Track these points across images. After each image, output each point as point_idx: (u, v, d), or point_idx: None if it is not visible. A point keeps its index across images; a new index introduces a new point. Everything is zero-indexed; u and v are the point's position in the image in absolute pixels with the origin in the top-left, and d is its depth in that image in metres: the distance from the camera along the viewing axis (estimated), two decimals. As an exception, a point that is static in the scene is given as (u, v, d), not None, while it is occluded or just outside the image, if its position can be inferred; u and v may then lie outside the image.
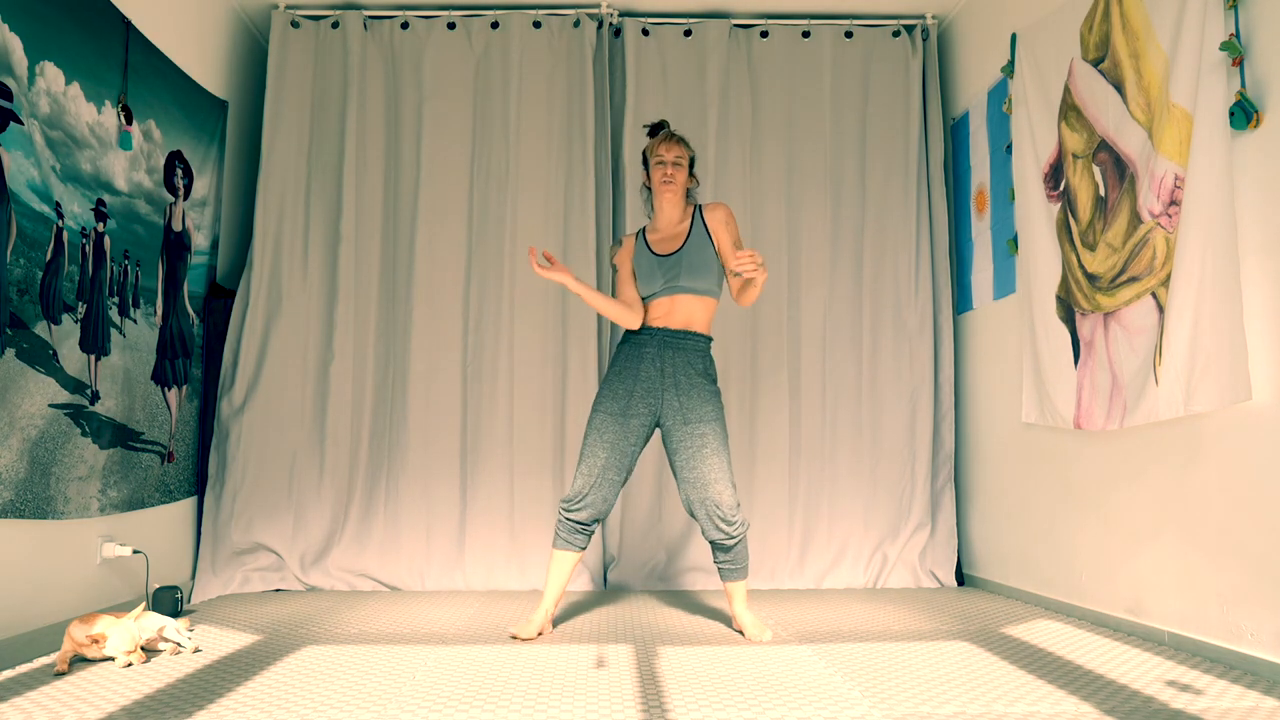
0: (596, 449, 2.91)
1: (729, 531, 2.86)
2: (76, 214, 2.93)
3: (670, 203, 3.02)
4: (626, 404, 2.92)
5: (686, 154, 3.02)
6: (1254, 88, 2.43)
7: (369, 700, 2.13)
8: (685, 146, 3.03)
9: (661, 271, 2.95)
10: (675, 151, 3.00)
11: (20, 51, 2.65)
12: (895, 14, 4.35)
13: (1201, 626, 2.61)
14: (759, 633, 2.87)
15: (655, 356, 2.93)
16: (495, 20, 4.27)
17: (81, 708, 2.07)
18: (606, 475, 2.90)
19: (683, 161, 3.00)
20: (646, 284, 2.99)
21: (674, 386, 2.91)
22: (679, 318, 2.96)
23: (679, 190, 3.01)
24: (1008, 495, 3.80)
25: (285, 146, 4.18)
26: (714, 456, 2.84)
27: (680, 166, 3.00)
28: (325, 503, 4.00)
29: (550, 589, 2.96)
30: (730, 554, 2.91)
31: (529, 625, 2.89)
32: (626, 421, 2.91)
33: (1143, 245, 2.81)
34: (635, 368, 2.94)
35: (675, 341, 2.94)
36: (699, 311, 2.97)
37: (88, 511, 2.98)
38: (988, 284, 3.97)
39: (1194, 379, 2.54)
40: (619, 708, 2.05)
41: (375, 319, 4.13)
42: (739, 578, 2.95)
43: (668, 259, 2.96)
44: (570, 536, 2.94)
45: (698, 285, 2.95)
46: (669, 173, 2.98)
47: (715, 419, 2.88)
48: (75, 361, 2.90)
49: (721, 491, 2.83)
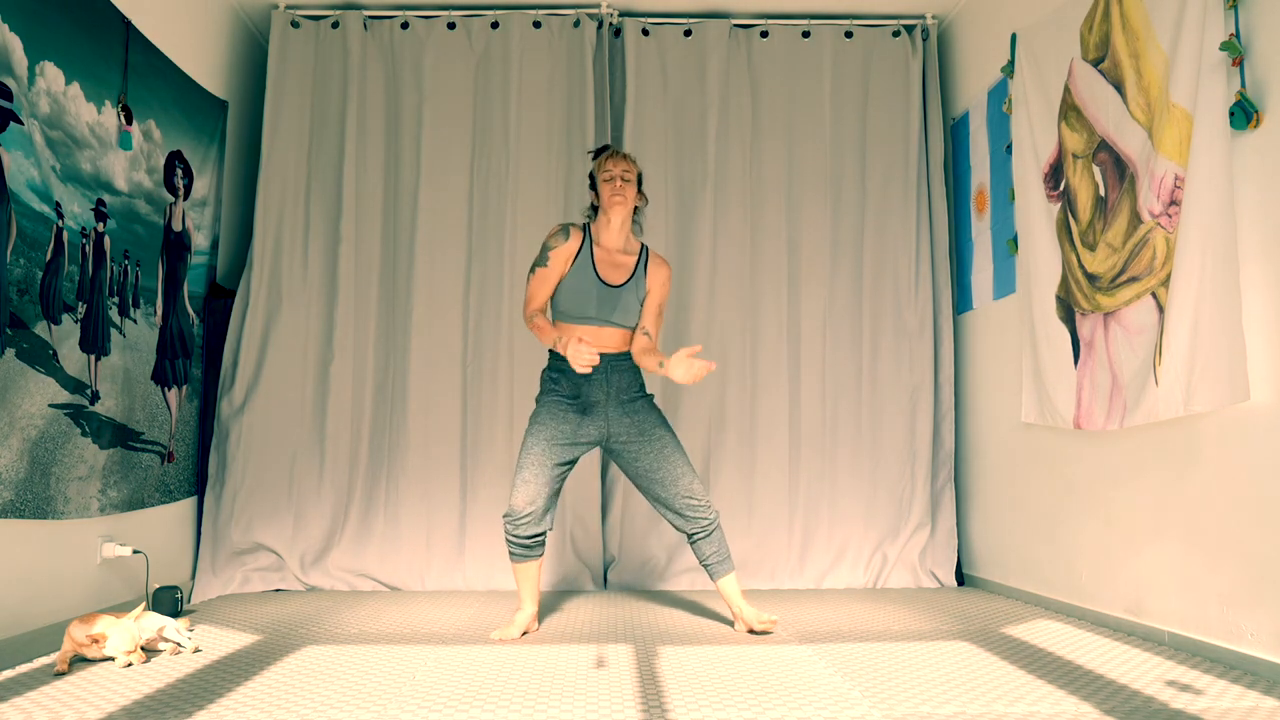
0: (541, 468, 2.89)
1: (706, 516, 2.98)
2: (76, 214, 2.93)
3: (619, 217, 2.97)
4: (576, 427, 2.95)
5: (634, 169, 3.00)
6: (1254, 88, 2.43)
7: (369, 700, 2.13)
8: (632, 163, 3.01)
9: (598, 302, 2.94)
10: (623, 166, 2.96)
11: (20, 51, 2.65)
12: (895, 14, 4.35)
13: (1201, 626, 2.61)
14: (763, 619, 2.93)
15: (601, 380, 2.96)
16: (495, 20, 4.27)
17: (81, 708, 2.07)
18: (551, 486, 2.92)
19: (630, 176, 2.97)
20: (578, 306, 2.95)
21: (620, 406, 2.98)
22: (612, 342, 2.99)
23: (628, 204, 2.96)
24: (1008, 495, 3.80)
25: (285, 146, 4.18)
26: (675, 454, 2.98)
27: (629, 181, 2.96)
28: (325, 503, 4.00)
29: (524, 592, 3.00)
30: (711, 540, 3.00)
31: (512, 627, 2.91)
32: (575, 446, 2.96)
33: (1143, 245, 2.81)
34: (586, 394, 2.96)
35: (618, 364, 2.99)
36: (625, 336, 3.03)
37: (88, 511, 2.98)
38: (988, 284, 3.97)
39: (1194, 379, 2.54)
40: (619, 708, 2.06)
41: (375, 319, 4.13)
42: (728, 569, 3.01)
43: (610, 290, 2.95)
44: (526, 551, 2.96)
45: (627, 322, 3.00)
46: (618, 186, 2.93)
47: (664, 424, 3.03)
48: (75, 361, 2.90)
49: (691, 481, 2.97)
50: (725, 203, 4.24)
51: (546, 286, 2.98)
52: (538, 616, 3.10)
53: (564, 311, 2.99)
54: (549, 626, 3.07)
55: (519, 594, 3.02)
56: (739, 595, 3.01)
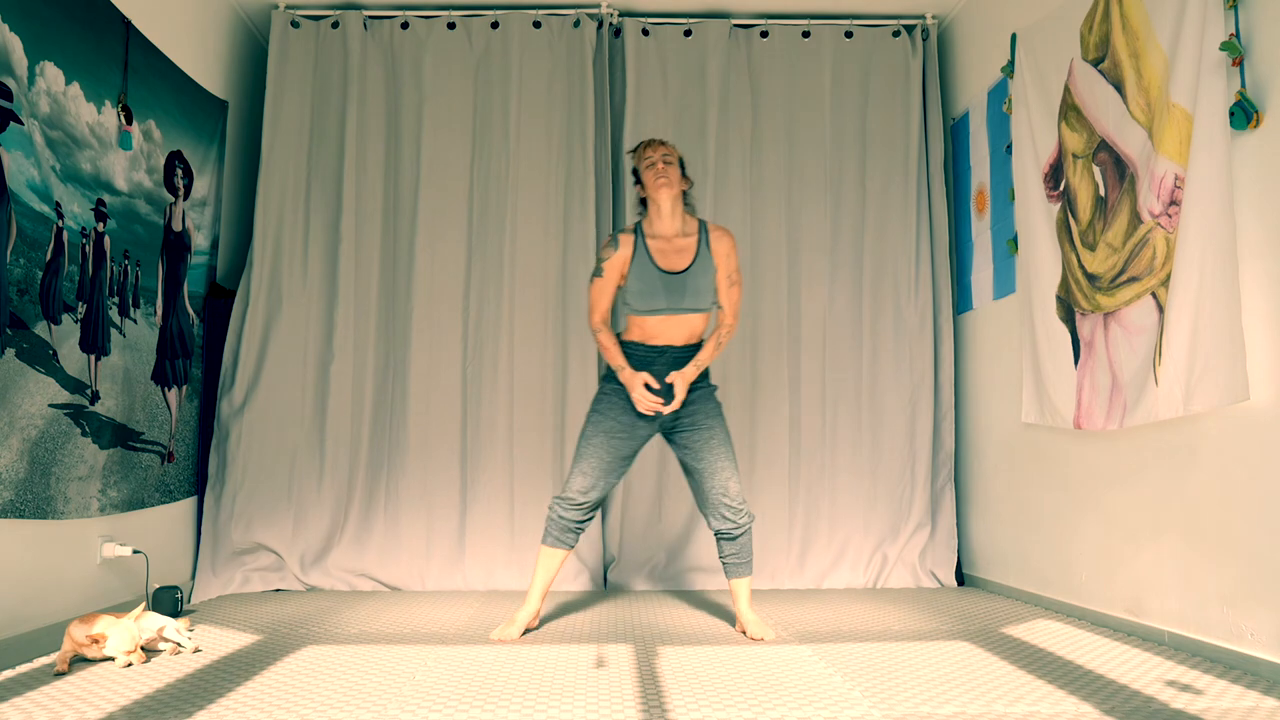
0: (601, 453, 2.94)
1: (736, 520, 2.94)
2: (76, 214, 2.93)
3: (667, 201, 2.95)
4: (635, 418, 2.96)
5: (674, 152, 3.00)
6: (1254, 88, 2.43)
7: (369, 700, 2.13)
8: (671, 147, 3.01)
9: (665, 291, 2.91)
10: (663, 150, 2.96)
11: (20, 51, 2.65)
12: (895, 14, 4.35)
13: (1201, 626, 2.61)
14: (762, 631, 2.89)
15: (665, 374, 2.97)
16: (495, 20, 4.27)
17: (81, 708, 2.07)
18: (608, 480, 2.98)
19: (672, 158, 2.96)
20: (646, 300, 2.92)
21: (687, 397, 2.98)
22: (683, 334, 2.97)
23: (673, 186, 2.94)
24: (1008, 495, 3.80)
25: (285, 146, 4.18)
26: (722, 448, 2.95)
27: (671, 163, 2.95)
28: (325, 503, 4.00)
29: (538, 585, 2.98)
30: (736, 544, 2.97)
31: (512, 626, 2.90)
32: (634, 434, 2.98)
33: (1143, 245, 2.81)
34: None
35: (686, 357, 2.99)
36: (699, 323, 3.01)
37: (88, 511, 2.98)
38: (988, 284, 3.97)
39: (1193, 379, 2.54)
40: (619, 708, 2.06)
41: (375, 319, 4.13)
42: (744, 573, 2.99)
43: (675, 277, 2.92)
44: (563, 535, 2.97)
45: (702, 305, 2.97)
46: (661, 169, 2.92)
47: (720, 417, 3.01)
48: (75, 361, 2.90)
49: (730, 479, 2.94)
50: (725, 202, 4.24)
51: (605, 295, 3.01)
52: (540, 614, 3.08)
53: (634, 308, 2.95)
54: (549, 626, 3.07)
55: (530, 586, 3.00)
56: (746, 600, 3.00)
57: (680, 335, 2.97)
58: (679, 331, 2.97)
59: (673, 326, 2.96)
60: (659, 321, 2.95)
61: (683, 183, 3.00)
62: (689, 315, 2.96)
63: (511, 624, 2.91)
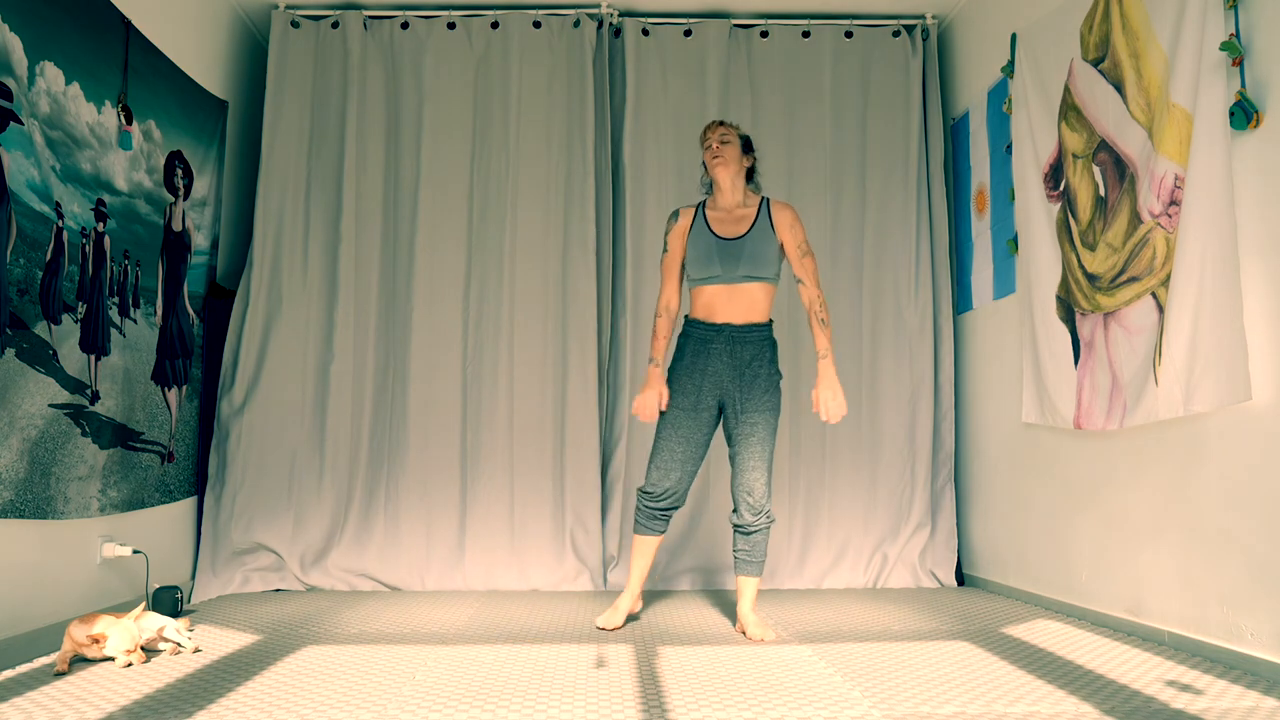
0: (673, 443, 2.99)
1: (753, 520, 2.94)
2: (76, 214, 2.93)
3: (726, 179, 3.03)
4: (697, 399, 2.99)
5: (733, 131, 3.06)
6: (1254, 88, 2.43)
7: (369, 700, 2.13)
8: (731, 127, 3.08)
9: (721, 257, 2.95)
10: (720, 130, 3.05)
11: (20, 51, 2.65)
12: (895, 14, 4.35)
13: (1201, 626, 2.61)
14: (761, 632, 2.88)
15: (723, 352, 2.96)
16: (495, 20, 4.27)
17: (81, 708, 2.07)
18: (686, 467, 3.00)
19: (729, 138, 3.03)
20: (702, 267, 2.98)
21: (739, 380, 2.95)
22: (741, 309, 2.95)
23: (730, 165, 3.02)
24: (1008, 495, 3.80)
25: (285, 146, 4.18)
26: (759, 445, 2.92)
27: (728, 143, 3.02)
28: (325, 503, 4.00)
29: (634, 572, 3.09)
30: (749, 541, 2.97)
31: (615, 614, 3.02)
32: (699, 415, 2.99)
33: (1143, 245, 2.81)
34: (704, 364, 2.98)
35: (743, 336, 2.95)
36: (761, 299, 2.97)
37: (88, 511, 2.98)
38: (988, 284, 3.97)
39: (1194, 379, 2.54)
40: (619, 708, 2.06)
41: (375, 319, 4.13)
42: (753, 572, 2.99)
43: (730, 243, 2.96)
44: (651, 523, 3.06)
45: (759, 273, 2.95)
46: (716, 149, 3.01)
47: (768, 409, 2.95)
48: (75, 361, 2.90)
49: (757, 478, 2.92)
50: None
51: (671, 273, 3.09)
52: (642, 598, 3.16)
53: (693, 278, 3.02)
54: (549, 627, 3.07)
55: (629, 574, 3.12)
56: (750, 600, 2.99)
57: (739, 311, 2.95)
58: (737, 307, 2.95)
59: (731, 301, 2.95)
60: (716, 293, 2.96)
61: (744, 160, 3.07)
62: (747, 287, 2.94)
63: (615, 611, 3.03)
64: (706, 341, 2.98)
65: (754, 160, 3.12)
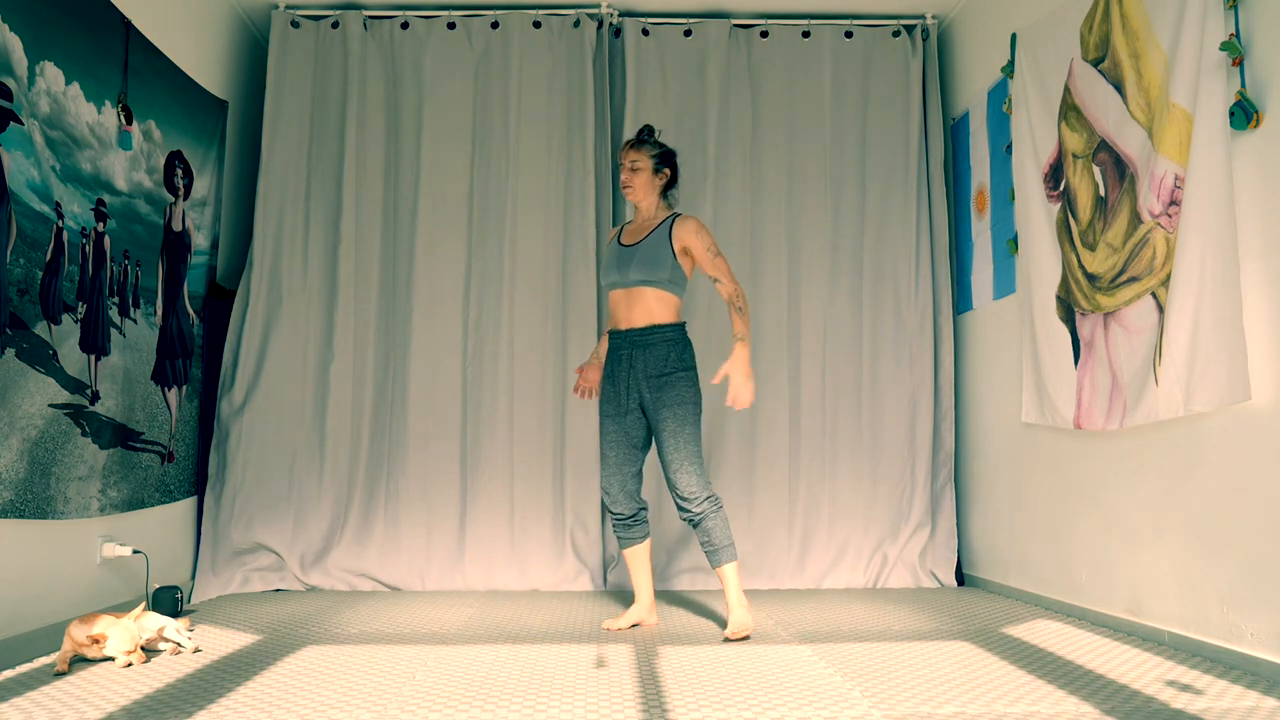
0: (605, 450, 3.13)
1: (687, 509, 2.95)
2: (76, 214, 2.93)
3: (637, 201, 3.15)
4: (618, 404, 3.10)
5: (643, 156, 3.10)
6: (1254, 88, 2.43)
7: (369, 700, 2.13)
8: (642, 149, 3.11)
9: (617, 263, 3.09)
10: (630, 157, 3.12)
11: (20, 51, 2.65)
12: (895, 14, 4.35)
13: (1201, 626, 2.61)
14: (738, 625, 2.82)
15: (627, 357, 3.07)
16: (495, 20, 4.27)
17: (81, 708, 2.07)
18: (621, 469, 3.09)
19: (639, 165, 3.11)
20: (606, 273, 3.15)
21: (644, 381, 3.02)
22: (639, 314, 3.05)
23: (637, 191, 3.12)
24: (1008, 495, 3.80)
25: (285, 146, 4.18)
26: (670, 439, 2.96)
27: (636, 170, 3.10)
28: (325, 503, 4.00)
29: (635, 584, 3.14)
30: (702, 530, 2.96)
31: (620, 619, 3.07)
32: (623, 420, 3.09)
33: (1143, 245, 2.81)
34: (614, 370, 3.11)
35: (642, 339, 3.04)
36: (657, 305, 3.04)
37: (88, 511, 2.98)
38: (988, 284, 3.97)
39: (1194, 379, 2.54)
40: (619, 708, 2.06)
41: (375, 319, 4.13)
42: (720, 559, 2.94)
43: (626, 249, 3.10)
44: (625, 534, 3.13)
45: (650, 276, 3.02)
46: (624, 178, 3.13)
47: (674, 403, 2.97)
48: (75, 361, 2.90)
49: (676, 472, 2.95)
50: (725, 202, 4.24)
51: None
52: (654, 610, 3.15)
53: (603, 285, 3.21)
54: (549, 627, 3.07)
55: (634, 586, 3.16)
56: (733, 589, 2.92)
57: (638, 316, 3.04)
58: (636, 312, 3.05)
59: (630, 306, 3.06)
60: (618, 299, 3.11)
61: (656, 179, 3.12)
62: (641, 291, 3.03)
63: (622, 616, 3.09)
64: (616, 349, 3.11)
65: (668, 176, 3.14)
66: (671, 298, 3.06)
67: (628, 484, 3.09)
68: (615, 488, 3.09)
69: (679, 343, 3.04)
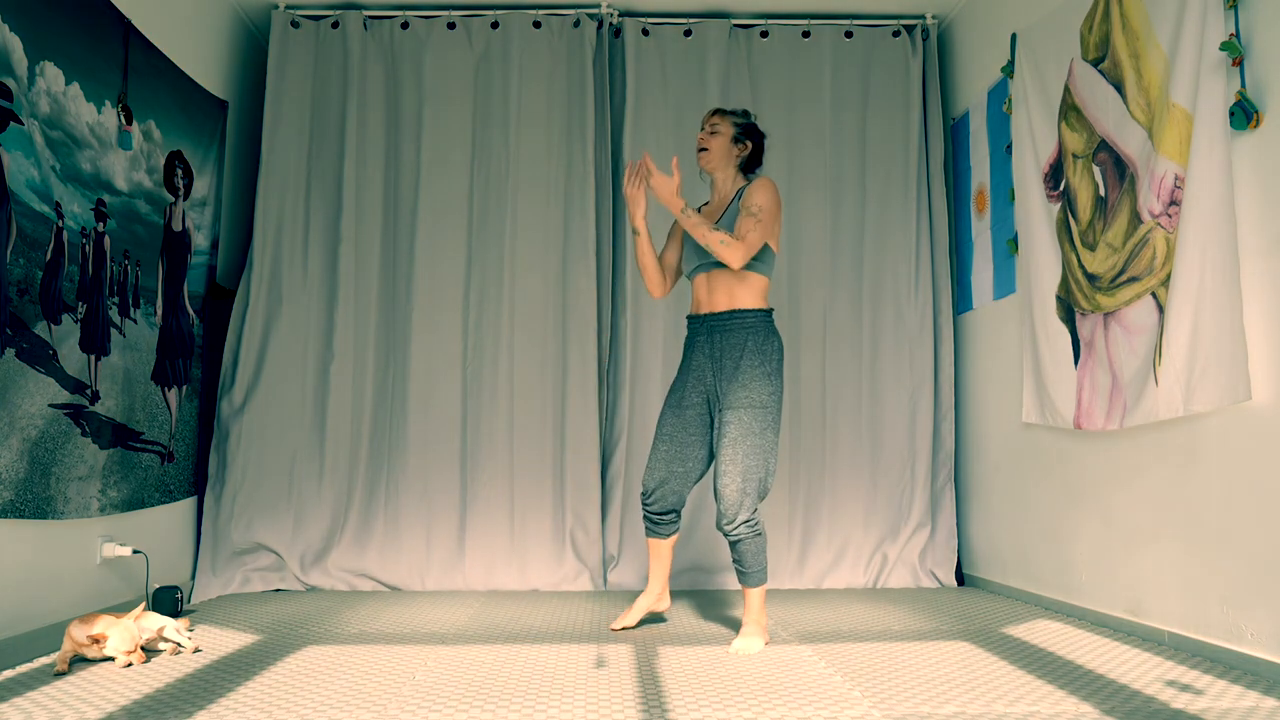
0: (658, 442, 2.93)
1: (725, 529, 2.74)
2: (76, 214, 2.93)
3: (712, 171, 2.95)
4: (681, 395, 2.91)
5: (725, 122, 2.92)
6: (1254, 88, 2.43)
7: (369, 700, 2.13)
8: (727, 116, 2.94)
9: (696, 248, 2.89)
10: (712, 120, 2.94)
11: (20, 51, 2.65)
12: (895, 14, 4.35)
13: (1201, 626, 2.61)
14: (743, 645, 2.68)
15: (705, 344, 2.87)
16: (495, 20, 4.27)
17: (81, 708, 2.07)
18: (671, 468, 2.89)
19: (719, 127, 2.91)
20: (687, 258, 2.96)
21: (719, 372, 2.81)
22: (720, 298, 2.85)
23: (713, 158, 2.91)
24: (1008, 495, 3.80)
25: (285, 146, 4.18)
26: (730, 447, 2.71)
27: (715, 134, 2.91)
28: (325, 503, 4.00)
29: (650, 571, 3.05)
30: (736, 551, 2.77)
31: (630, 613, 3.01)
32: (682, 413, 2.90)
33: (1143, 245, 2.81)
34: (689, 357, 2.93)
35: (721, 324, 2.82)
36: (739, 288, 2.82)
37: (88, 511, 2.98)
38: (988, 284, 3.97)
39: (1194, 379, 2.54)
40: (619, 708, 2.05)
41: (375, 319, 4.13)
42: (749, 583, 2.79)
43: None
44: (653, 527, 2.99)
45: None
46: (701, 140, 2.93)
47: (746, 405, 2.73)
48: (75, 361, 2.90)
49: (727, 482, 2.70)
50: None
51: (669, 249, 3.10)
52: (666, 595, 3.07)
53: (684, 272, 3.02)
54: (549, 627, 3.07)
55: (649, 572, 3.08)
56: (751, 609, 2.80)
57: (719, 300, 2.85)
58: (717, 296, 2.85)
59: (711, 290, 2.86)
60: (700, 284, 2.91)
61: (735, 149, 2.92)
62: (722, 275, 2.83)
63: (631, 610, 3.02)
64: (692, 335, 2.93)
65: (748, 149, 2.93)
66: (756, 278, 2.82)
67: (669, 482, 2.87)
68: (653, 481, 2.89)
69: (760, 330, 2.78)
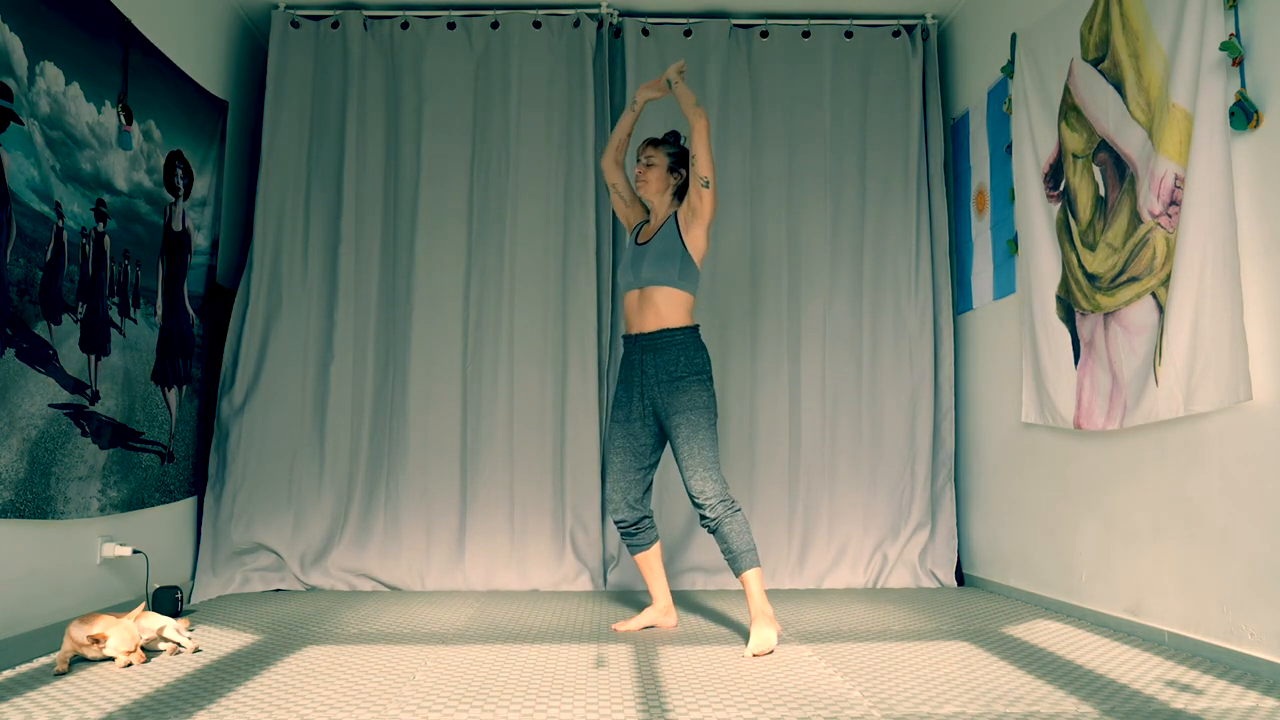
0: (611, 456, 3.10)
1: (708, 516, 2.86)
2: (76, 214, 2.93)
3: (650, 199, 3.14)
4: (628, 411, 3.06)
5: (659, 153, 3.10)
6: (1254, 88, 2.43)
7: (369, 700, 2.13)
8: (661, 147, 3.11)
9: (631, 262, 3.06)
10: (647, 152, 3.12)
11: (20, 51, 2.65)
12: (895, 14, 4.35)
13: (1201, 626, 2.61)
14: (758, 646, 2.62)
15: (639, 363, 3.02)
16: (495, 20, 4.27)
17: (81, 708, 2.07)
18: (626, 477, 3.05)
19: (653, 161, 3.10)
20: (621, 274, 3.12)
21: (657, 387, 2.95)
22: (650, 318, 2.98)
23: (650, 187, 3.10)
24: (1008, 495, 3.80)
25: (285, 146, 4.18)
26: (684, 445, 2.89)
27: (650, 165, 3.09)
28: (325, 503, 4.00)
29: (650, 587, 3.14)
30: (721, 536, 2.87)
31: (634, 620, 3.08)
32: (630, 425, 3.05)
33: (1143, 245, 2.81)
34: (627, 375, 3.07)
35: (653, 344, 2.97)
36: (666, 307, 2.97)
37: (88, 511, 2.98)
38: (988, 284, 3.97)
39: (1194, 379, 2.54)
40: (619, 708, 2.06)
41: (375, 319, 4.13)
42: (741, 565, 2.84)
43: (640, 248, 3.06)
44: (631, 541, 3.11)
45: (657, 274, 2.96)
46: (638, 171, 3.12)
47: (687, 408, 2.89)
48: (75, 361, 2.90)
49: (690, 476, 2.87)
50: (725, 202, 4.23)
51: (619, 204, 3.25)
52: (672, 611, 3.12)
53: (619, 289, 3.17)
54: (549, 627, 3.07)
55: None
56: (754, 598, 2.80)
57: (649, 320, 2.98)
58: (645, 315, 2.99)
59: (640, 309, 3.01)
60: (630, 300, 3.06)
61: (671, 178, 3.11)
62: (650, 292, 2.98)
63: (632, 620, 3.09)
64: (628, 355, 3.07)
65: (682, 178, 3.10)
66: (682, 296, 2.98)
67: (630, 492, 3.05)
68: (617, 495, 3.06)
69: (690, 346, 2.95)
